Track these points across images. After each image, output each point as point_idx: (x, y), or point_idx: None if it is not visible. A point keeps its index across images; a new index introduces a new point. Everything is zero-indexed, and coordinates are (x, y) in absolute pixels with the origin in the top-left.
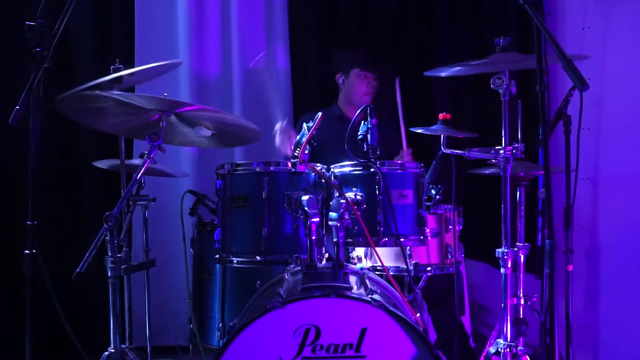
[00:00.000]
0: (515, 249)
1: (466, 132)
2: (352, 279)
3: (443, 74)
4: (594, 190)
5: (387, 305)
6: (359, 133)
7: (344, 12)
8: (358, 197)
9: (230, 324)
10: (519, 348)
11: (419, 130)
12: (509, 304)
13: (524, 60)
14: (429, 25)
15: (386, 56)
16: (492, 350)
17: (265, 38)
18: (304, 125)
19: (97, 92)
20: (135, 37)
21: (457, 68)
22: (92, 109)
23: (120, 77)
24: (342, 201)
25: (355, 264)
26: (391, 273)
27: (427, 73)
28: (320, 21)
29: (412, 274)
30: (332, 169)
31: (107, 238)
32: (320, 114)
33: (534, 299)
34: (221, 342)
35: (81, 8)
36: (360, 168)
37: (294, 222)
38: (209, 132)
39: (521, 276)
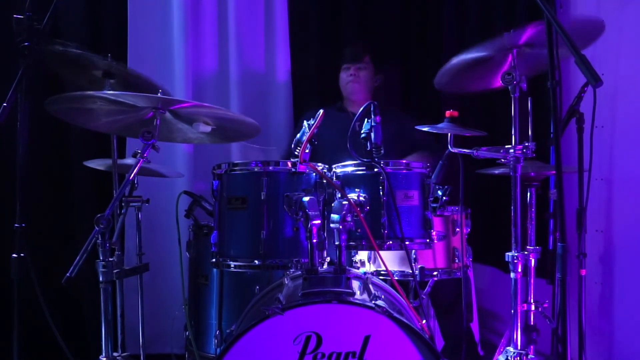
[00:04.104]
0: (526, 252)
1: (474, 130)
2: (355, 284)
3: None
4: (608, 192)
5: (392, 312)
6: (362, 131)
7: (346, 5)
8: (361, 198)
9: (228, 331)
10: (530, 356)
11: (425, 129)
12: (519, 310)
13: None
14: (435, 19)
15: (391, 52)
16: (502, 358)
17: (264, 33)
18: (305, 123)
19: (88, 92)
20: (128, 32)
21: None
22: (83, 109)
23: (112, 73)
24: (344, 202)
25: (358, 268)
26: (396, 278)
27: (435, 81)
28: (322, 14)
29: (418, 278)
30: (334, 169)
31: (98, 241)
32: (321, 111)
33: (545, 305)
34: (218, 350)
35: (72, 1)
36: (364, 168)
37: (294, 225)
38: (208, 128)
39: (532, 281)
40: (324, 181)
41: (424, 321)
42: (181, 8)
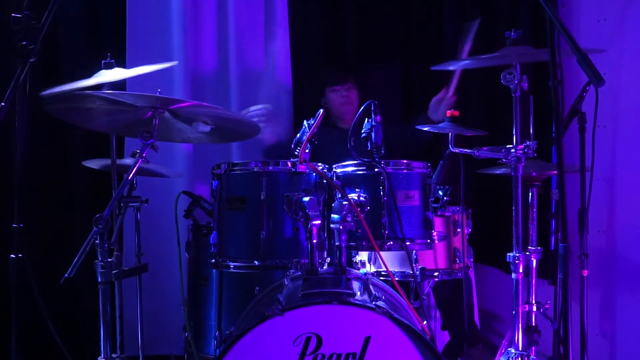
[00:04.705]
0: (527, 253)
1: (475, 130)
2: (355, 285)
3: (451, 68)
4: (610, 192)
5: (392, 313)
6: (362, 131)
7: (346, 5)
8: (361, 198)
9: (227, 332)
10: (532, 357)
11: (426, 129)
12: (520, 311)
13: (536, 54)
14: (436, 17)
15: (391, 51)
16: (503, 359)
17: (264, 32)
18: (305, 122)
19: (87, 91)
20: (126, 30)
21: (466, 62)
22: (82, 108)
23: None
24: (344, 203)
25: (358, 268)
26: (396, 278)
27: (434, 67)
28: (322, 13)
29: (419, 279)
30: (334, 169)
31: (97, 242)
32: (321, 110)
33: (547, 306)
34: (217, 351)
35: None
36: (364, 168)
37: (294, 225)
38: (207, 127)
39: (533, 282)
40: (324, 181)
41: (424, 322)
42: (180, 6)
